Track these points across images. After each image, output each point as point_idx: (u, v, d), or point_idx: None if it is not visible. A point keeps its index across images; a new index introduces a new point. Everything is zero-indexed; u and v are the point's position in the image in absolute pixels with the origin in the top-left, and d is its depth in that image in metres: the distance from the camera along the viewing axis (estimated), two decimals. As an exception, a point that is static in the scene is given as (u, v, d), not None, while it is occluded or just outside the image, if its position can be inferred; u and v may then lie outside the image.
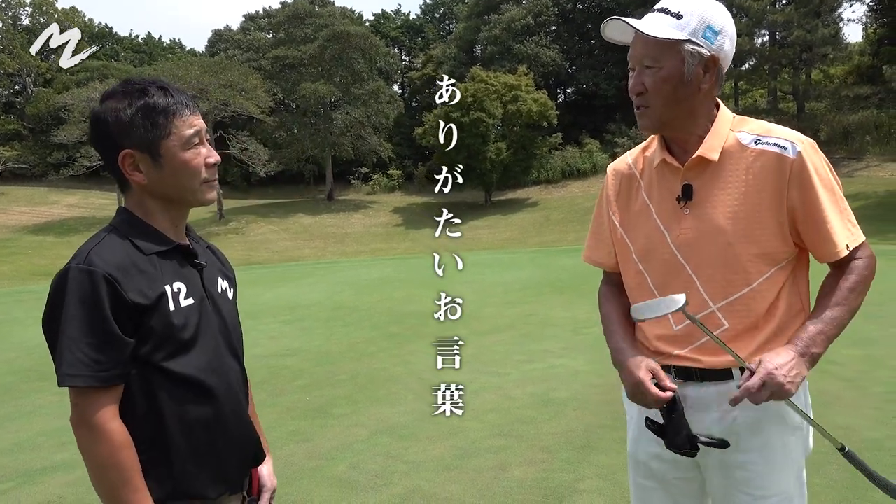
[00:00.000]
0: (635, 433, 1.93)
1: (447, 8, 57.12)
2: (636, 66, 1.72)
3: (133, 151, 1.53)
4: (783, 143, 1.69)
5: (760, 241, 1.70)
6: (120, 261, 1.47)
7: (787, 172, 1.66)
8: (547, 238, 28.04)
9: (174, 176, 1.55)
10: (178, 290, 1.54)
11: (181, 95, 1.57)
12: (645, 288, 1.84)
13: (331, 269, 20.89)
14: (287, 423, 5.22)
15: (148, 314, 1.47)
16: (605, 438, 4.50)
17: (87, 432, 1.43)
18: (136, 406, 1.49)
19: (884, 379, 5.41)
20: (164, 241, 1.58)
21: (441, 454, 4.41)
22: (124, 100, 1.53)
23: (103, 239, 1.52)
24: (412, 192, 44.23)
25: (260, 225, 35.41)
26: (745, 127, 1.76)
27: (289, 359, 7.59)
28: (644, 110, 1.74)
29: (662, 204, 1.80)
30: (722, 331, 1.72)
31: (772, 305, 1.72)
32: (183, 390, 1.52)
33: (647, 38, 1.66)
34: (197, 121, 1.57)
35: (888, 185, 25.99)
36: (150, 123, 1.52)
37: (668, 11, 1.68)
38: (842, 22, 35.09)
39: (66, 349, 1.41)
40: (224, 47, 51.56)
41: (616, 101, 43.43)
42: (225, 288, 1.73)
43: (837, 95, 33.20)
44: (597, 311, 2.06)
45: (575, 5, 46.71)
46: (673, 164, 1.77)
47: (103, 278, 1.42)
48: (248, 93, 35.92)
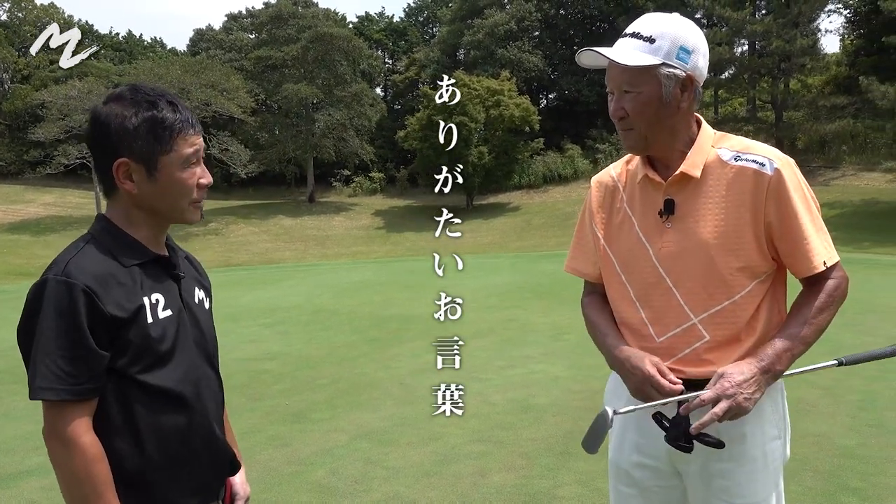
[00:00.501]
0: (618, 441, 1.95)
1: (431, 11, 57.15)
2: (615, 90, 1.75)
3: (129, 161, 1.51)
4: (761, 159, 1.73)
5: (741, 255, 1.73)
6: (99, 272, 1.45)
7: (765, 188, 1.71)
8: (528, 243, 28.13)
9: (166, 192, 1.54)
10: (156, 301, 1.53)
11: (187, 113, 1.56)
12: (627, 299, 1.87)
13: (311, 271, 20.81)
14: (266, 427, 5.20)
15: (126, 327, 1.46)
16: (584, 445, 4.52)
17: (60, 445, 1.42)
18: (111, 418, 1.47)
19: (857, 387, 5.50)
20: (143, 252, 1.56)
21: (421, 460, 4.42)
22: (131, 107, 1.51)
23: (82, 248, 1.50)
24: (394, 194, 44.15)
25: (240, 226, 35.16)
26: (725, 143, 1.81)
27: (268, 363, 7.55)
28: (629, 132, 1.77)
29: (644, 218, 1.83)
30: (702, 342, 1.76)
31: (752, 318, 1.76)
32: (159, 402, 1.51)
33: (620, 65, 1.69)
34: (198, 140, 1.57)
35: (863, 195, 26.40)
36: (153, 137, 1.50)
37: (639, 36, 1.71)
38: (819, 33, 35.69)
39: (40, 362, 1.39)
40: (206, 47, 51.16)
41: (597, 107, 43.63)
42: (201, 298, 1.73)
43: (815, 105, 33.66)
44: (577, 316, 2.10)
45: (558, 11, 46.93)
46: (655, 179, 1.81)
47: (82, 291, 1.40)
48: (230, 93, 35.65)
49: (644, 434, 1.86)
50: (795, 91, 35.12)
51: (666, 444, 1.78)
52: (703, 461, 1.78)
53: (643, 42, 1.70)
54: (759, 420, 1.78)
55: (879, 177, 28.76)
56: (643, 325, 1.83)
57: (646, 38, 1.70)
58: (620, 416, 1.82)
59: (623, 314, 1.89)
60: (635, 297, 1.85)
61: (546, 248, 25.08)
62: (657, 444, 1.82)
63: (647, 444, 1.86)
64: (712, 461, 1.77)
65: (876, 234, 20.46)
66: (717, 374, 1.67)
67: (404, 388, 6.24)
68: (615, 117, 1.77)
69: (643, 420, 1.84)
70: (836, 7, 34.24)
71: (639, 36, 1.71)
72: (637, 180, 1.86)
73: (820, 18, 34.34)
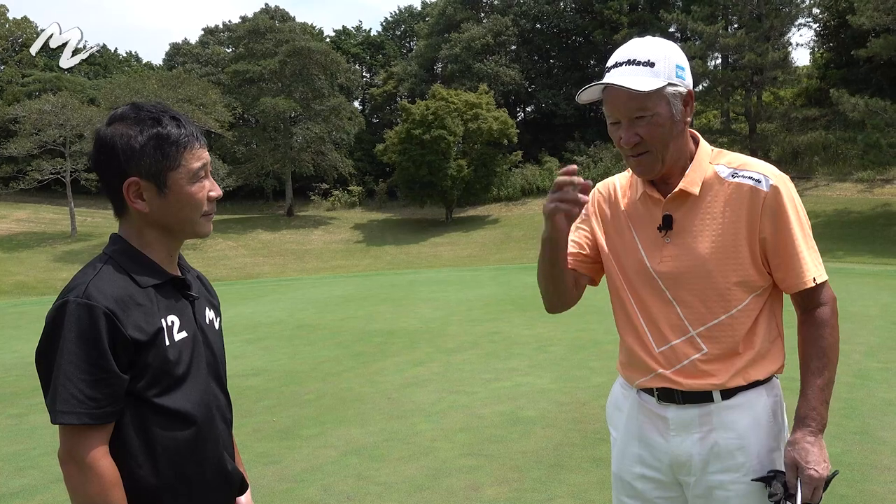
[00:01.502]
0: (620, 452, 1.97)
1: (408, 25, 57.42)
2: (623, 119, 1.77)
3: (139, 179, 1.51)
4: (758, 176, 1.79)
5: (738, 270, 1.78)
6: (118, 294, 1.44)
7: (761, 204, 1.76)
8: (507, 255, 28.23)
9: (177, 207, 1.54)
10: (172, 323, 1.53)
11: (192, 127, 1.56)
12: (627, 309, 1.92)
13: (292, 286, 20.70)
14: (254, 444, 5.15)
15: (145, 350, 1.45)
16: (574, 457, 4.55)
17: (77, 470, 1.41)
18: (127, 441, 1.46)
19: (840, 396, 5.58)
20: (159, 273, 1.56)
21: (413, 474, 4.41)
22: (136, 126, 1.51)
23: (100, 270, 1.49)
24: (373, 208, 44.14)
25: (218, 241, 34.89)
26: (722, 160, 1.86)
27: (253, 379, 7.50)
28: (644, 157, 1.79)
29: (644, 232, 1.88)
30: (701, 354, 1.80)
31: (750, 331, 1.81)
32: (174, 425, 1.51)
33: (633, 92, 1.72)
34: (204, 154, 1.58)
35: (836, 205, 26.86)
36: (160, 154, 1.51)
37: (638, 62, 1.75)
38: (790, 46, 36.30)
39: (61, 385, 1.38)
40: (182, 61, 50.98)
41: (574, 119, 44.10)
42: (212, 318, 1.72)
43: (787, 117, 34.29)
44: (561, 329, 2.13)
45: (534, 25, 47.38)
46: (654, 195, 1.85)
47: (103, 313, 1.40)
48: (207, 107, 35.46)
49: (647, 446, 1.89)
50: (768, 103, 35.73)
51: (669, 456, 1.83)
52: (705, 473, 1.81)
53: (644, 67, 1.74)
54: (759, 433, 1.82)
55: (851, 187, 29.30)
56: (644, 335, 1.88)
57: (645, 63, 1.74)
58: (621, 432, 1.90)
59: (624, 323, 1.94)
60: (638, 310, 1.89)
61: (526, 261, 25.19)
62: (660, 456, 1.85)
63: (649, 457, 1.89)
64: (714, 473, 1.80)
65: (849, 244, 20.84)
66: (793, 465, 1.73)
67: (392, 403, 6.22)
68: (629, 144, 1.78)
69: (646, 434, 1.88)
70: (805, 21, 35.02)
71: (637, 62, 1.75)
72: (637, 195, 1.90)
73: (791, 32, 35.12)
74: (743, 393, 1.81)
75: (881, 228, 23.63)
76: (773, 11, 31.29)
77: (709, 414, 1.80)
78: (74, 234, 34.28)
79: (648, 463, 1.89)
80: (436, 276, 21.14)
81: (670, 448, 1.84)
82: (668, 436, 1.85)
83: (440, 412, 5.84)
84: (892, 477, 4.01)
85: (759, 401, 1.84)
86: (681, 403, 1.82)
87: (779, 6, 31.53)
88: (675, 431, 1.83)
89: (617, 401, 2.02)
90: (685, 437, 1.82)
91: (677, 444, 1.83)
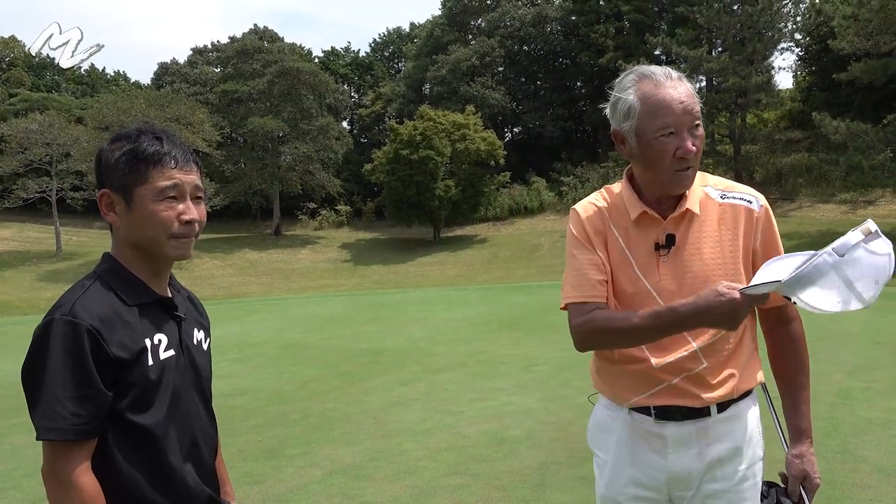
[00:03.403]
0: (612, 475, 1.96)
1: (396, 47, 57.86)
2: (682, 128, 1.77)
3: (110, 192, 1.56)
4: (749, 197, 1.89)
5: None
6: (104, 313, 1.47)
7: (754, 224, 1.86)
8: (495, 275, 28.28)
9: (141, 224, 1.56)
10: (158, 342, 1.55)
11: (174, 148, 1.58)
12: None
13: (279, 305, 20.63)
14: (239, 464, 5.13)
15: (128, 368, 1.47)
16: (559, 476, 4.56)
17: (59, 486, 1.43)
18: (109, 458, 1.48)
19: (821, 415, 5.63)
20: (146, 293, 1.58)
21: (398, 494, 4.41)
22: (120, 141, 1.57)
23: (88, 288, 1.52)
24: (360, 227, 44.15)
25: (204, 260, 34.76)
26: (709, 182, 1.93)
27: (239, 398, 7.47)
28: (690, 171, 1.82)
29: (639, 251, 1.88)
30: (700, 368, 1.84)
31: (738, 345, 1.88)
32: (156, 444, 1.53)
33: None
34: (179, 175, 1.57)
35: (819, 226, 27.13)
36: (129, 168, 1.54)
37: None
38: (773, 70, 37.03)
39: (46, 402, 1.40)
40: (170, 80, 51.05)
41: (561, 140, 44.46)
42: (200, 339, 1.75)
43: (771, 139, 34.71)
44: (547, 348, 2.15)
45: (521, 48, 47.85)
46: (654, 216, 1.87)
47: (86, 331, 1.42)
48: (195, 126, 35.49)
49: (641, 466, 1.89)
50: (752, 125, 36.19)
51: (666, 474, 1.86)
52: (702, 484, 1.86)
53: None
54: (751, 442, 1.89)
55: (834, 208, 29.64)
56: (642, 353, 1.87)
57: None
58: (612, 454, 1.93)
59: None
60: None
61: (513, 280, 25.24)
62: (655, 475, 1.87)
63: (643, 477, 1.89)
64: (709, 482, 1.86)
65: (833, 264, 21.04)
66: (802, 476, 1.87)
67: (377, 422, 6.22)
68: (688, 155, 1.77)
69: (639, 453, 1.89)
70: (788, 45, 35.62)
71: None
72: (632, 217, 1.89)
73: (773, 56, 35.69)
74: (735, 404, 1.88)
75: (864, 249, 23.89)
76: (756, 35, 31.79)
77: (706, 428, 1.85)
78: (59, 254, 34.05)
79: (643, 483, 1.90)
80: (423, 295, 21.14)
81: (668, 465, 1.86)
82: (665, 453, 1.86)
83: (426, 431, 5.84)
84: (872, 495, 4.05)
85: (749, 410, 1.92)
86: (680, 420, 1.85)
87: (762, 30, 32.04)
88: (673, 448, 1.85)
89: (603, 423, 2.01)
90: (684, 453, 1.86)
91: (676, 460, 1.85)
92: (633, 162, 1.91)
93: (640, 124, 1.79)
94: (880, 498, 4.01)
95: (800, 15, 33.47)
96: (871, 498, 4.01)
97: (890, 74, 23.54)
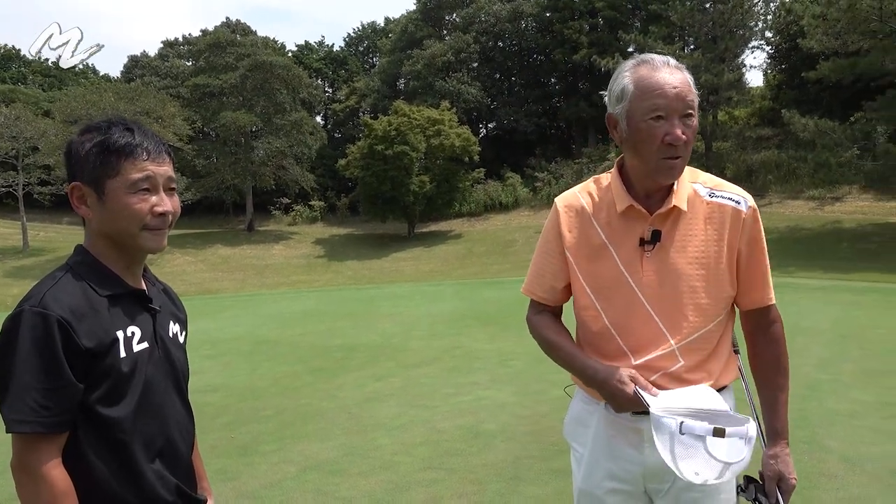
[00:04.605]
0: (588, 469, 1.97)
1: (371, 41, 57.53)
2: (673, 114, 1.76)
3: (81, 185, 1.54)
4: (737, 198, 1.87)
5: (719, 285, 1.85)
6: (75, 304, 1.45)
7: (741, 224, 1.84)
8: (470, 270, 28.31)
9: (114, 217, 1.54)
10: (131, 334, 1.53)
11: (146, 139, 1.56)
12: (603, 323, 1.90)
13: (252, 301, 20.47)
14: (212, 462, 5.08)
15: (99, 359, 1.45)
16: (533, 469, 4.59)
17: (28, 479, 1.40)
18: (80, 452, 1.46)
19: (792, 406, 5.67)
20: (119, 284, 1.56)
21: (373, 489, 4.40)
22: (90, 133, 1.54)
23: (59, 279, 1.49)
24: (334, 223, 43.90)
25: (175, 256, 34.32)
26: (698, 179, 1.92)
27: (211, 395, 7.40)
28: (678, 161, 1.79)
29: (624, 246, 1.87)
30: (677, 366, 1.84)
31: (718, 345, 1.89)
32: (128, 436, 1.50)
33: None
34: (152, 167, 1.55)
35: (789, 222, 27.56)
36: (100, 161, 1.52)
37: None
38: (744, 68, 37.25)
39: (15, 394, 1.38)
40: (140, 73, 50.22)
41: (535, 137, 44.61)
42: (176, 332, 1.73)
43: (742, 136, 35.18)
44: (522, 343, 2.16)
45: (496, 43, 47.90)
46: (641, 210, 1.85)
47: (57, 322, 1.40)
48: (166, 120, 34.96)
49: (617, 460, 1.90)
50: (723, 122, 36.60)
51: (642, 468, 1.87)
52: (675, 477, 1.84)
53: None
54: None
55: (803, 204, 30.11)
56: (620, 350, 1.87)
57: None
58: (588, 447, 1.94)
59: (598, 339, 1.92)
60: (610, 324, 1.89)
61: (488, 276, 25.31)
62: (631, 468, 1.88)
63: (619, 470, 1.90)
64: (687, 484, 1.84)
65: (801, 260, 21.37)
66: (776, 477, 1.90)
67: (352, 418, 6.20)
68: (676, 143, 1.76)
69: (616, 447, 1.90)
70: (759, 44, 36.02)
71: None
72: (619, 209, 1.87)
73: (745, 54, 35.94)
74: None
75: (831, 245, 24.31)
76: (727, 33, 32.13)
77: None
78: (26, 249, 33.40)
79: (619, 476, 1.90)
80: (398, 290, 21.11)
81: (644, 459, 1.86)
82: (641, 447, 1.86)
83: (401, 427, 5.84)
84: (838, 484, 4.13)
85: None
86: None
87: (733, 28, 32.39)
88: (649, 443, 1.83)
89: (579, 417, 2.02)
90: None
91: (651, 454, 1.83)
92: (623, 149, 1.88)
93: (631, 107, 1.78)
94: (846, 487, 4.09)
95: (770, 14, 33.91)
96: (837, 487, 4.09)
97: (857, 73, 23.96)
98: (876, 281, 17.17)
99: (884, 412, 5.64)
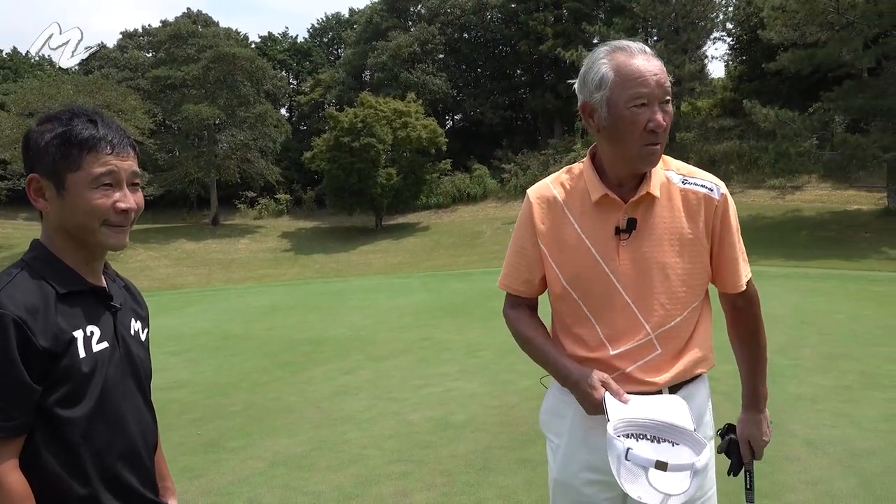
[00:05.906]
0: (565, 460, 1.95)
1: (335, 33, 57.01)
2: (654, 100, 1.74)
3: (39, 177, 1.48)
4: (709, 185, 1.88)
5: (694, 273, 1.86)
6: (31, 303, 1.39)
7: (713, 211, 1.86)
8: (438, 262, 28.31)
9: (73, 212, 1.48)
10: (90, 334, 1.48)
11: (110, 132, 1.49)
12: (580, 316, 1.90)
13: (217, 296, 20.22)
14: (177, 459, 5.01)
15: (57, 360, 1.40)
16: (503, 459, 4.61)
17: None
18: (39, 455, 1.41)
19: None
20: (78, 281, 1.51)
21: (342, 483, 4.38)
22: (50, 124, 1.48)
23: (14, 277, 1.43)
24: (301, 216, 43.54)
25: (138, 251, 33.72)
26: (672, 166, 1.91)
27: (176, 391, 7.29)
28: (658, 147, 1.78)
29: (597, 236, 1.85)
30: (654, 355, 1.85)
31: (694, 332, 1.90)
32: (89, 438, 1.46)
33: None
34: (115, 161, 1.49)
35: (750, 210, 28.03)
36: (60, 154, 1.45)
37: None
38: (706, 59, 37.88)
39: None
40: (99, 65, 49.12)
41: (501, 128, 44.71)
42: (137, 329, 1.68)
43: (704, 126, 35.63)
44: (490, 334, 2.16)
45: (461, 35, 47.84)
46: (615, 199, 1.84)
47: (12, 321, 1.34)
48: (126, 114, 34.27)
49: (594, 450, 1.87)
50: (686, 113, 37.05)
51: None
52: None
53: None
54: (701, 422, 1.91)
55: (764, 194, 30.68)
56: (598, 340, 1.87)
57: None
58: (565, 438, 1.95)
59: (575, 330, 1.91)
60: (590, 314, 1.88)
61: (456, 267, 25.33)
62: (607, 459, 1.88)
63: (597, 460, 1.86)
64: None
65: (763, 248, 21.77)
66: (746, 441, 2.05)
67: (321, 412, 6.16)
68: (658, 129, 1.75)
69: (593, 438, 1.87)
70: (720, 35, 36.52)
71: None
72: (593, 199, 1.86)
73: (706, 46, 36.43)
74: (686, 386, 1.90)
75: (791, 233, 24.83)
76: (689, 25, 32.52)
77: None
78: (-17, 246, 32.58)
79: (596, 467, 1.87)
80: (366, 283, 21.03)
81: None
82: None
83: (370, 419, 5.82)
84: (800, 467, 4.22)
85: (700, 392, 1.94)
86: None
87: (695, 20, 32.79)
88: None
89: (556, 408, 2.00)
90: None
91: None
92: (599, 138, 1.85)
93: (613, 94, 1.75)
94: (808, 469, 4.18)
95: (731, 6, 34.36)
96: (799, 469, 4.18)
97: (815, 64, 24.43)
98: (834, 268, 17.58)
99: (842, 396, 5.78)
